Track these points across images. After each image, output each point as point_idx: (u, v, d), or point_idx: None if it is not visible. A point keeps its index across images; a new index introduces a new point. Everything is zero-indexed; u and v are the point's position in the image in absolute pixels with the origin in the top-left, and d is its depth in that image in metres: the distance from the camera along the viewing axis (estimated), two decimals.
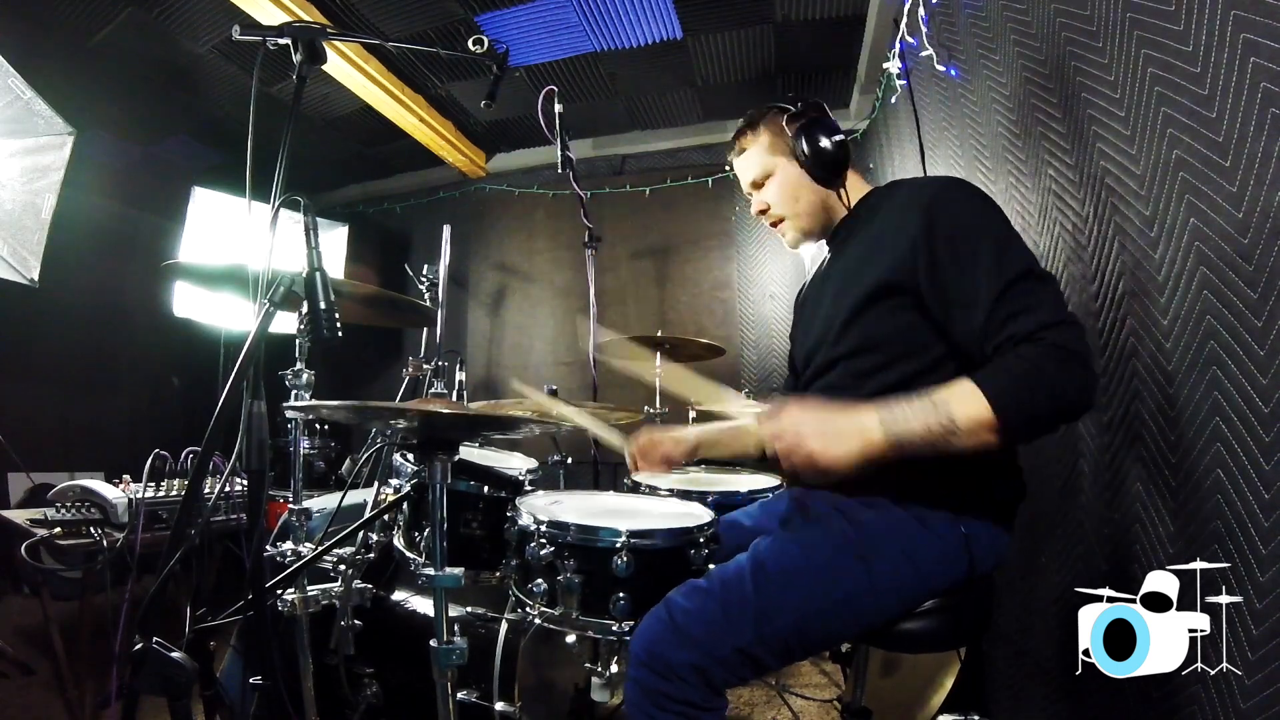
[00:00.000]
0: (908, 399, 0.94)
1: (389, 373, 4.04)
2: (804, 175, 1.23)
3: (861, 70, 3.03)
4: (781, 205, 1.28)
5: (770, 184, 1.28)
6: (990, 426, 0.88)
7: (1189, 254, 0.96)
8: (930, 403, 0.92)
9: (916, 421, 0.91)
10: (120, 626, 1.73)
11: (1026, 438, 0.95)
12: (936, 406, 0.91)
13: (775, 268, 3.60)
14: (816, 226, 1.30)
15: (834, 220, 1.30)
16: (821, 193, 1.26)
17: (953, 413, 0.90)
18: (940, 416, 0.90)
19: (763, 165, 1.28)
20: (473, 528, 1.42)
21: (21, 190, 2.30)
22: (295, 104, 1.16)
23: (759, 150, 1.28)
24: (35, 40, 2.65)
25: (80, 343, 3.35)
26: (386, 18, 2.71)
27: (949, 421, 0.89)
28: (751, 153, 1.29)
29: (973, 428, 0.89)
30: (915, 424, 0.91)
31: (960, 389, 0.91)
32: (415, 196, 4.32)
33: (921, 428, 0.91)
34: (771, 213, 1.30)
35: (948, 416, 0.90)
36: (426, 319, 2.77)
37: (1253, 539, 0.85)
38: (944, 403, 0.91)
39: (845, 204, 1.26)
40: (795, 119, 1.23)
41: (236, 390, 0.97)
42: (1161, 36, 0.98)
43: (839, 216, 1.29)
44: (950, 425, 0.89)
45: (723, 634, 0.96)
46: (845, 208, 1.27)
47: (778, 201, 1.28)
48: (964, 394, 0.90)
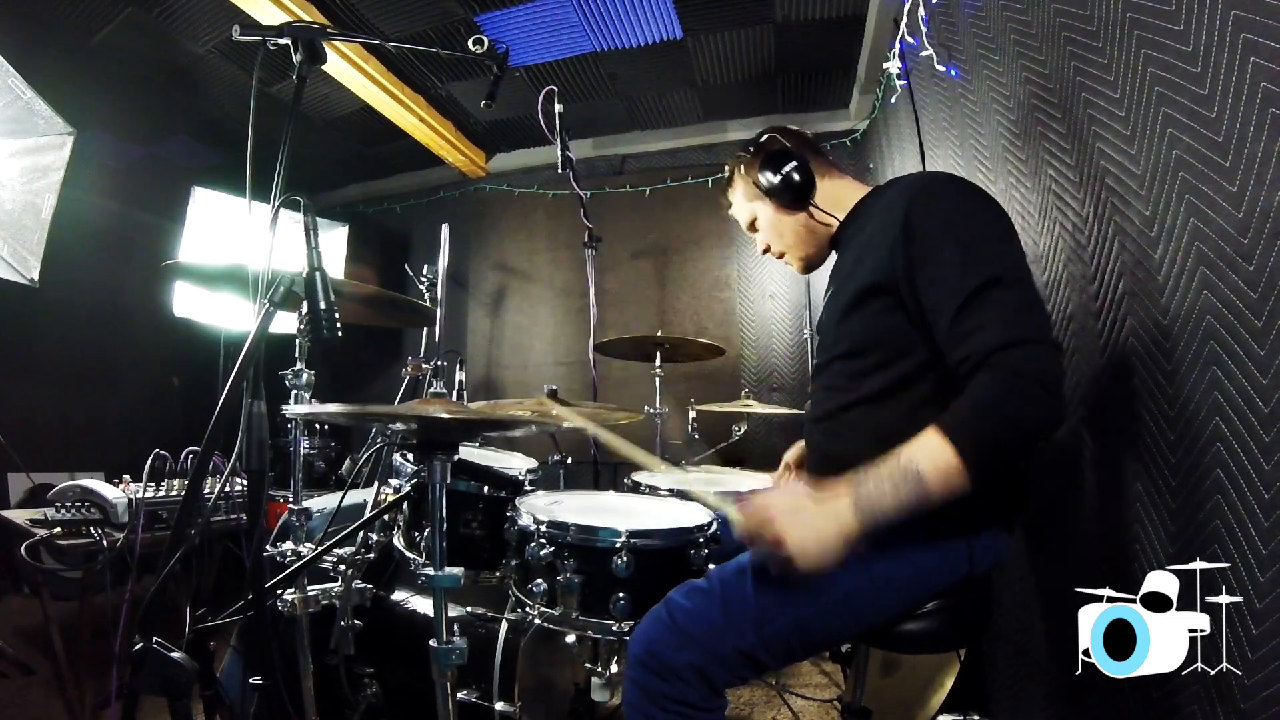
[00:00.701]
0: (878, 470, 0.90)
1: (389, 373, 4.04)
2: (778, 210, 1.29)
3: (861, 70, 3.03)
4: (774, 242, 1.35)
5: (759, 225, 1.36)
6: (958, 471, 0.87)
7: (1189, 254, 0.96)
8: (899, 467, 0.89)
9: (890, 500, 0.89)
10: (120, 626, 1.73)
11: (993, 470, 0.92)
12: (904, 469, 0.88)
13: (775, 268, 3.59)
14: (813, 250, 1.34)
15: (826, 236, 1.31)
16: (800, 218, 1.29)
17: (921, 471, 0.87)
18: (911, 483, 0.88)
19: (746, 212, 1.36)
20: (473, 528, 1.42)
21: (21, 190, 2.30)
22: (295, 104, 1.16)
23: (739, 199, 1.37)
24: (35, 40, 2.65)
25: (80, 343, 3.35)
26: (386, 18, 2.71)
27: (920, 485, 0.87)
28: (735, 203, 1.39)
29: (943, 481, 0.87)
30: (889, 503, 0.89)
31: (927, 442, 0.89)
32: (415, 196, 4.32)
33: (894, 504, 0.88)
34: (772, 251, 1.37)
35: (918, 479, 0.87)
36: (426, 319, 2.77)
37: (1253, 539, 0.85)
38: (909, 461, 0.89)
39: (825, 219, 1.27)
40: (751, 162, 1.28)
41: (236, 390, 0.97)
42: (1161, 36, 0.98)
43: (828, 231, 1.30)
44: (922, 490, 0.87)
45: (723, 634, 0.96)
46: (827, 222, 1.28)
47: (770, 240, 1.36)
48: (931, 448, 0.88)
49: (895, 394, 1.08)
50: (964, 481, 0.88)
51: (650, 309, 3.75)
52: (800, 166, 1.23)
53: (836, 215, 1.27)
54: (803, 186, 1.23)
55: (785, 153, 1.24)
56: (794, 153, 1.24)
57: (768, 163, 1.24)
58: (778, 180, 1.23)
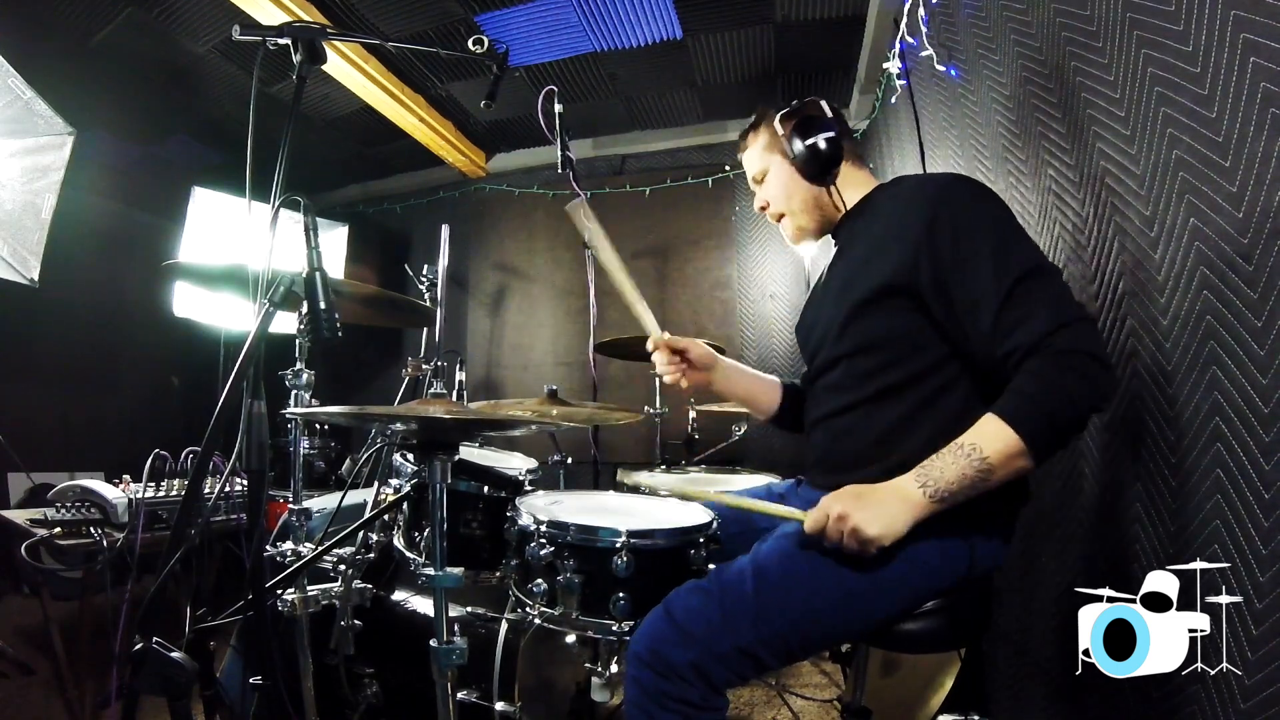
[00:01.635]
0: (938, 454, 0.95)
1: (389, 373, 4.04)
2: (796, 173, 1.27)
3: (861, 70, 3.03)
4: (778, 202, 1.32)
5: (768, 181, 1.33)
6: (1021, 454, 0.90)
7: (1189, 254, 0.96)
8: (961, 451, 0.93)
9: (953, 473, 0.93)
10: (120, 626, 1.73)
11: (1055, 451, 0.96)
12: (969, 454, 0.92)
13: (775, 268, 3.60)
14: (812, 224, 1.32)
15: (831, 217, 1.30)
16: (814, 190, 1.27)
17: (984, 454, 0.91)
18: (974, 461, 0.92)
19: (760, 162, 1.33)
20: (473, 528, 1.42)
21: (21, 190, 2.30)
22: (295, 104, 1.16)
23: (758, 148, 1.33)
24: (35, 40, 2.65)
25: (80, 343, 3.35)
26: (386, 18, 2.71)
27: (982, 464, 0.91)
28: (752, 150, 1.35)
29: (1005, 461, 0.91)
30: (952, 476, 0.93)
31: (985, 428, 0.93)
32: (415, 196, 4.32)
33: (958, 477, 0.93)
34: (770, 209, 1.34)
35: (980, 459, 0.91)
36: (426, 319, 2.77)
37: (1253, 539, 0.85)
38: (974, 447, 0.92)
39: (838, 202, 1.26)
40: (788, 118, 1.26)
41: (236, 390, 0.97)
42: (1161, 36, 0.98)
43: (835, 214, 1.29)
44: (984, 467, 0.91)
45: (723, 633, 0.96)
46: (838, 206, 1.27)
47: (774, 198, 1.33)
48: (990, 432, 0.92)
49: (899, 393, 1.09)
50: (1027, 463, 0.91)
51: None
52: (834, 140, 1.22)
53: (846, 201, 1.27)
54: (829, 159, 1.22)
55: (824, 121, 1.23)
56: (832, 124, 1.24)
57: (805, 124, 1.23)
58: (808, 144, 1.22)
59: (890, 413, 1.10)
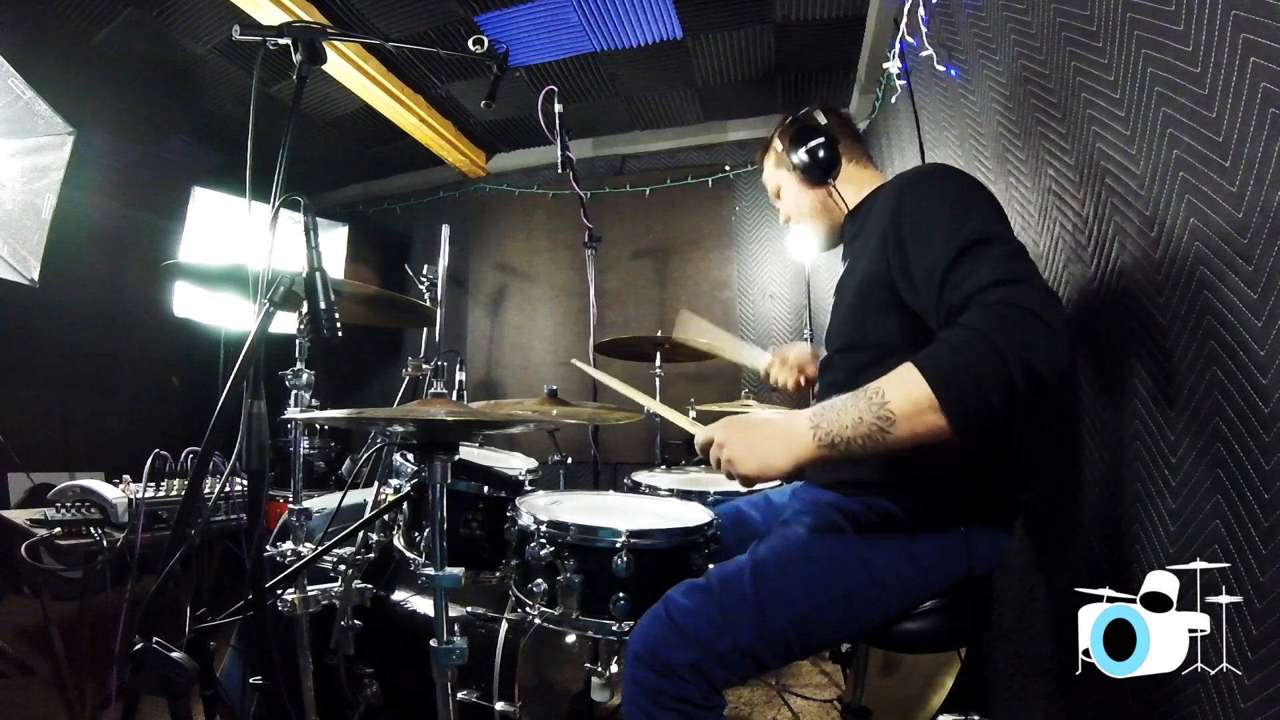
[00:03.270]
0: (842, 396, 0.88)
1: (389, 373, 4.04)
2: (799, 182, 1.32)
3: (861, 70, 3.03)
4: (793, 213, 1.38)
5: (783, 195, 1.39)
6: (931, 408, 0.80)
7: (1189, 254, 0.96)
8: (864, 395, 0.85)
9: (850, 416, 0.84)
10: (120, 626, 1.73)
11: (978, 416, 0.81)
12: (870, 398, 0.84)
13: (775, 268, 3.60)
14: (825, 226, 1.35)
15: (839, 218, 1.32)
16: (819, 194, 1.31)
17: (887, 400, 0.82)
18: (874, 407, 0.82)
19: (774, 179, 1.39)
20: (473, 528, 1.42)
21: (21, 190, 2.30)
22: (295, 104, 1.16)
23: (770, 166, 1.40)
24: (35, 40, 2.65)
25: (80, 343, 3.35)
26: (386, 18, 2.71)
27: (883, 410, 0.82)
28: (766, 169, 1.41)
29: (912, 413, 0.81)
30: (848, 420, 0.84)
31: (896, 372, 0.84)
32: (415, 196, 4.32)
33: (854, 422, 0.84)
34: (792, 221, 1.40)
35: (881, 405, 0.82)
36: (426, 319, 2.77)
37: (1253, 539, 0.85)
38: (878, 392, 0.84)
39: (839, 202, 1.29)
40: (785, 132, 1.32)
41: (236, 390, 0.97)
42: (1161, 36, 0.98)
43: (841, 214, 1.31)
44: (885, 414, 0.82)
45: (722, 633, 0.96)
46: (841, 206, 1.29)
47: (790, 210, 1.38)
48: (899, 376, 0.84)
49: None
50: (939, 420, 0.80)
51: (650, 309, 3.75)
52: (827, 144, 1.25)
53: (848, 201, 1.29)
54: (826, 163, 1.26)
55: (816, 129, 1.27)
56: (824, 130, 1.27)
57: (798, 136, 1.28)
58: (803, 153, 1.26)
59: None
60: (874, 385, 0.85)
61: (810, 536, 1.06)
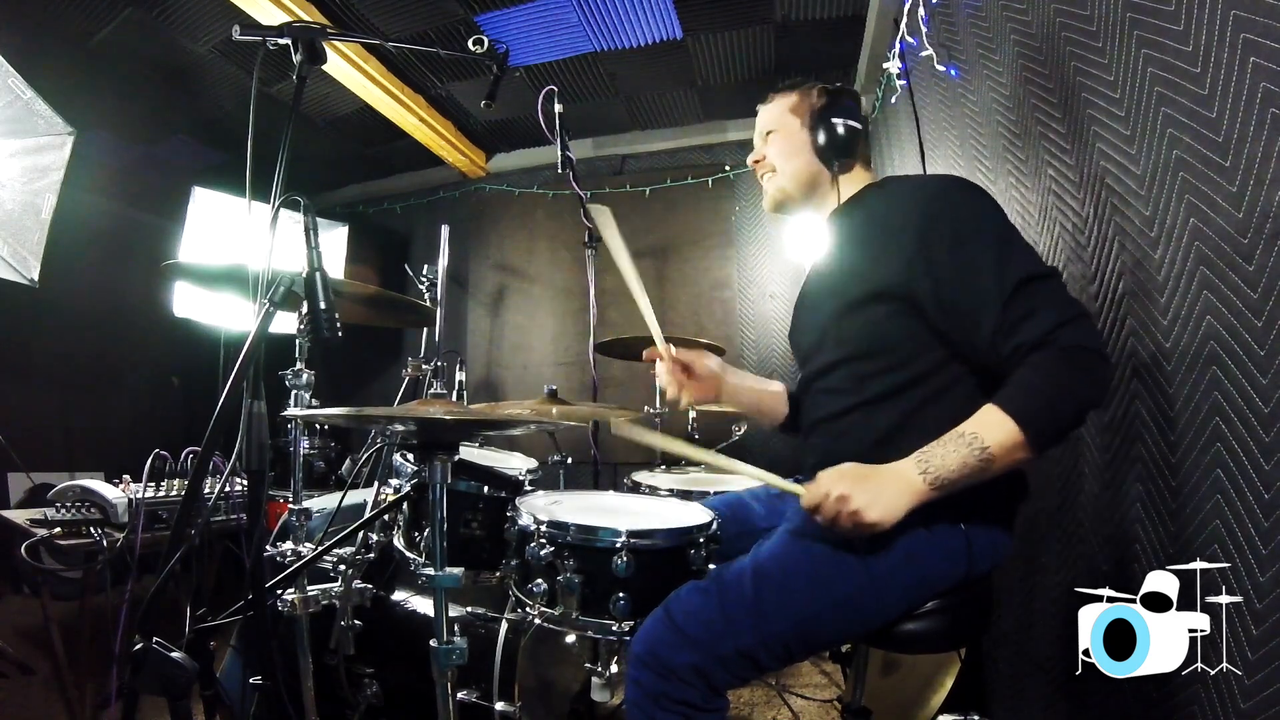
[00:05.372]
0: (939, 440, 0.94)
1: (389, 373, 4.04)
2: (808, 142, 1.28)
3: (861, 70, 3.03)
4: (776, 158, 1.32)
5: (774, 138, 1.32)
6: (1021, 445, 0.90)
7: (1189, 254, 0.96)
8: (962, 439, 0.92)
9: (954, 460, 0.92)
10: (120, 626, 1.73)
11: (1054, 444, 0.95)
12: (969, 442, 0.92)
13: (775, 268, 3.60)
14: (798, 195, 1.31)
15: (817, 200, 1.31)
16: (816, 165, 1.28)
17: (985, 443, 0.91)
18: (975, 450, 0.91)
19: (778, 119, 1.33)
20: (473, 528, 1.42)
21: (21, 190, 2.30)
22: (295, 104, 1.16)
23: (781, 106, 1.33)
24: (35, 40, 2.65)
25: (80, 343, 3.35)
26: (386, 18, 2.71)
27: (983, 453, 0.91)
28: (773, 105, 1.35)
29: (1006, 452, 0.90)
30: (953, 463, 0.92)
31: (986, 417, 0.92)
32: (415, 196, 4.32)
33: (959, 465, 0.92)
34: (765, 163, 1.34)
35: (982, 448, 0.91)
36: (426, 319, 2.77)
37: (1253, 539, 0.85)
38: (975, 436, 0.92)
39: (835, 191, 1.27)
40: (822, 92, 1.30)
41: (236, 390, 0.97)
42: (1161, 36, 0.98)
43: (824, 199, 1.30)
44: (985, 456, 0.91)
45: (723, 635, 0.96)
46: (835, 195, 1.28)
47: (775, 154, 1.32)
48: (991, 422, 0.92)
49: (899, 395, 1.08)
50: (1025, 454, 0.91)
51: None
52: (857, 132, 1.26)
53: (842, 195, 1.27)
54: (843, 143, 1.25)
55: (856, 111, 1.28)
56: (859, 117, 1.28)
57: (836, 104, 1.27)
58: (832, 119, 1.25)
59: (890, 414, 1.09)
60: (969, 430, 0.93)
61: (811, 538, 1.06)
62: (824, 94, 1.29)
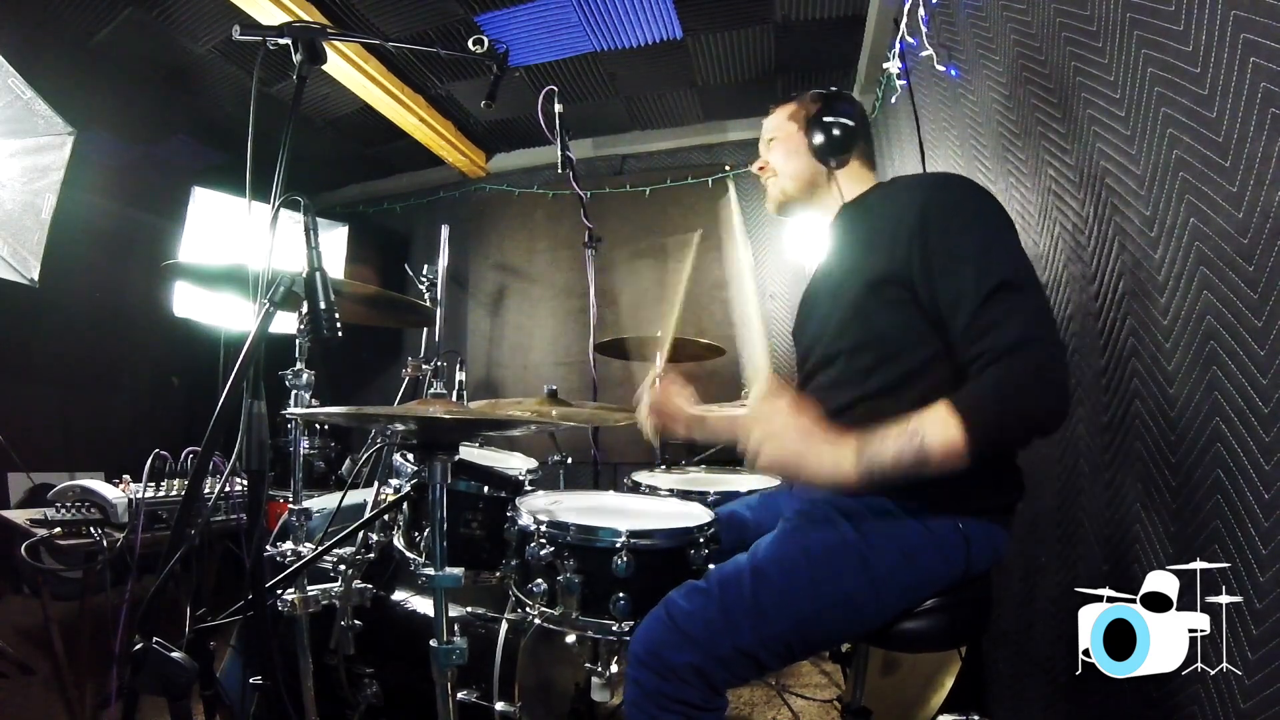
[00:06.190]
0: (886, 430, 0.93)
1: (389, 373, 4.04)
2: (805, 143, 1.31)
3: (861, 70, 3.03)
4: (776, 161, 1.36)
5: (776, 143, 1.37)
6: (960, 453, 0.88)
7: (1189, 254, 0.96)
8: (904, 431, 0.91)
9: (890, 451, 0.91)
10: (120, 626, 1.73)
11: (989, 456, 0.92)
12: (910, 436, 0.91)
13: (775, 268, 3.60)
14: (798, 195, 1.34)
15: (819, 200, 1.33)
16: (814, 165, 1.31)
17: (926, 441, 0.89)
18: (914, 446, 0.90)
19: (778, 126, 1.37)
20: (473, 528, 1.42)
21: (21, 190, 2.30)
22: (295, 104, 1.16)
23: (781, 115, 1.38)
24: (35, 40, 2.65)
25: (80, 343, 3.35)
26: (386, 18, 2.71)
27: (921, 451, 0.89)
28: (775, 115, 1.40)
29: (944, 455, 0.89)
30: (889, 455, 0.91)
31: (936, 414, 0.91)
32: (415, 196, 4.32)
33: (894, 458, 0.91)
34: (767, 168, 1.38)
35: (921, 445, 0.89)
36: (426, 319, 2.77)
37: (1253, 539, 0.85)
38: (917, 431, 0.90)
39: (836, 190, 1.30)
40: (820, 96, 1.33)
41: (236, 390, 0.97)
42: (1161, 36, 0.98)
43: (825, 199, 1.32)
44: (922, 455, 0.89)
45: (722, 634, 0.96)
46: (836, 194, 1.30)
47: (776, 158, 1.37)
48: (939, 419, 0.90)
49: (900, 389, 1.08)
50: (962, 461, 0.89)
51: (650, 309, 3.74)
52: (849, 128, 1.28)
53: (845, 194, 1.29)
54: (838, 142, 1.27)
55: (848, 109, 1.30)
56: (856, 115, 1.30)
57: (829, 104, 1.30)
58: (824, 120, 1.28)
59: (890, 409, 1.09)
60: (914, 426, 0.91)
61: (810, 537, 1.06)
62: (818, 98, 1.33)
